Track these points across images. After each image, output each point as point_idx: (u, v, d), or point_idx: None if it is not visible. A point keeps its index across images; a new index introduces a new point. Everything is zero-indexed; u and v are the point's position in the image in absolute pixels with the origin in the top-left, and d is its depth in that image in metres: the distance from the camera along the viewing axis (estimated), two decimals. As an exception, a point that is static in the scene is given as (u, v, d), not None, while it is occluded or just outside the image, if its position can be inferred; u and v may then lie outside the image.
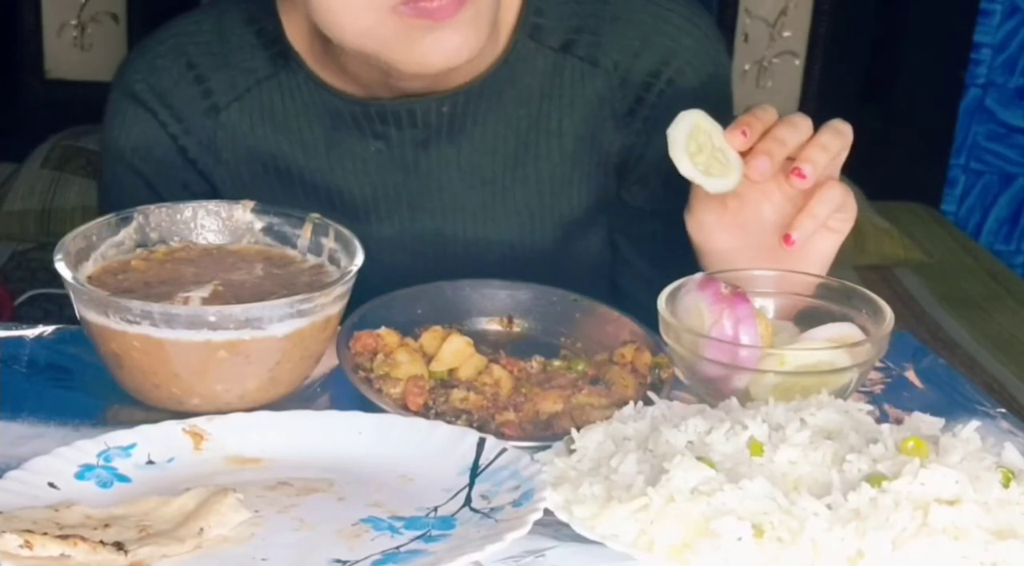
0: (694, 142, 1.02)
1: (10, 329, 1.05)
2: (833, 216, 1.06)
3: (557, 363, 1.00)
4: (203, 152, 1.22)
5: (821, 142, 1.03)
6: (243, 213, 1.06)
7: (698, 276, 1.00)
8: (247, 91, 1.20)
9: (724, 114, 1.25)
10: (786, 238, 1.03)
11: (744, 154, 1.02)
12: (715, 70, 1.23)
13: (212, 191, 1.23)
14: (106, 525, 0.77)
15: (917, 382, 1.05)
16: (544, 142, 1.20)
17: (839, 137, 1.05)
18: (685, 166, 1.01)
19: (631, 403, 0.91)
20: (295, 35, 1.19)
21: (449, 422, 0.90)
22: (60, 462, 0.84)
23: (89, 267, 1.00)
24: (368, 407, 0.92)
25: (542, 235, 1.23)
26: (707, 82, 1.22)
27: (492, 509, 0.79)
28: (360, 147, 1.20)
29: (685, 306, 0.99)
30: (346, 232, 1.02)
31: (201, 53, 1.21)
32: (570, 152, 1.21)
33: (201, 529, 0.76)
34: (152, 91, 1.21)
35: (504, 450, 0.85)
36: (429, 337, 0.99)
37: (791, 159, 1.03)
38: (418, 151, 1.20)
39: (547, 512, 0.78)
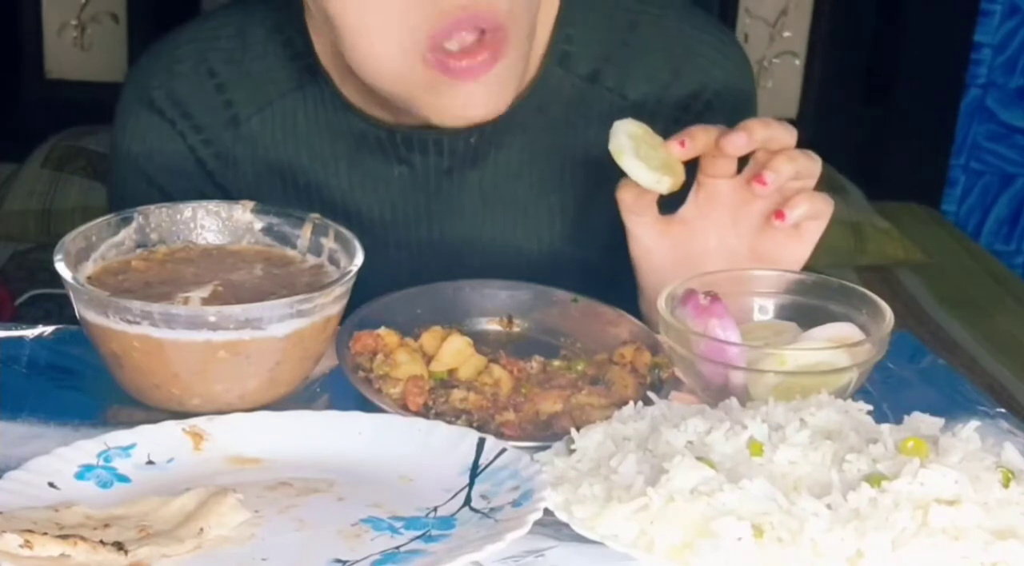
0: (643, 142, 1.03)
1: (10, 329, 1.05)
2: (806, 221, 1.06)
3: (557, 363, 1.00)
4: (222, 164, 1.19)
5: (789, 154, 1.03)
6: (243, 213, 1.06)
7: (680, 290, 1.00)
8: (270, 104, 1.18)
9: None
10: (778, 214, 1.03)
11: (686, 164, 1.03)
12: (743, 102, 1.22)
13: None
14: (106, 525, 0.77)
15: (917, 382, 1.05)
16: (568, 169, 1.19)
17: (810, 157, 1.04)
18: (640, 171, 1.02)
19: (631, 403, 0.91)
20: (323, 51, 1.17)
21: (449, 422, 0.90)
22: (60, 462, 0.84)
23: (89, 267, 1.00)
24: (368, 407, 0.92)
25: (563, 258, 1.22)
26: (734, 115, 1.21)
27: (492, 509, 0.79)
28: (383, 170, 1.18)
29: (678, 317, 0.99)
30: (346, 232, 1.02)
31: (222, 60, 1.18)
32: (594, 179, 1.19)
33: (201, 529, 0.76)
34: (171, 99, 1.18)
35: (504, 450, 0.85)
36: (429, 337, 0.99)
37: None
38: (441, 177, 1.19)
39: (547, 512, 0.78)
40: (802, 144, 1.05)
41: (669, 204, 1.09)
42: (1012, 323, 2.71)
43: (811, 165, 1.04)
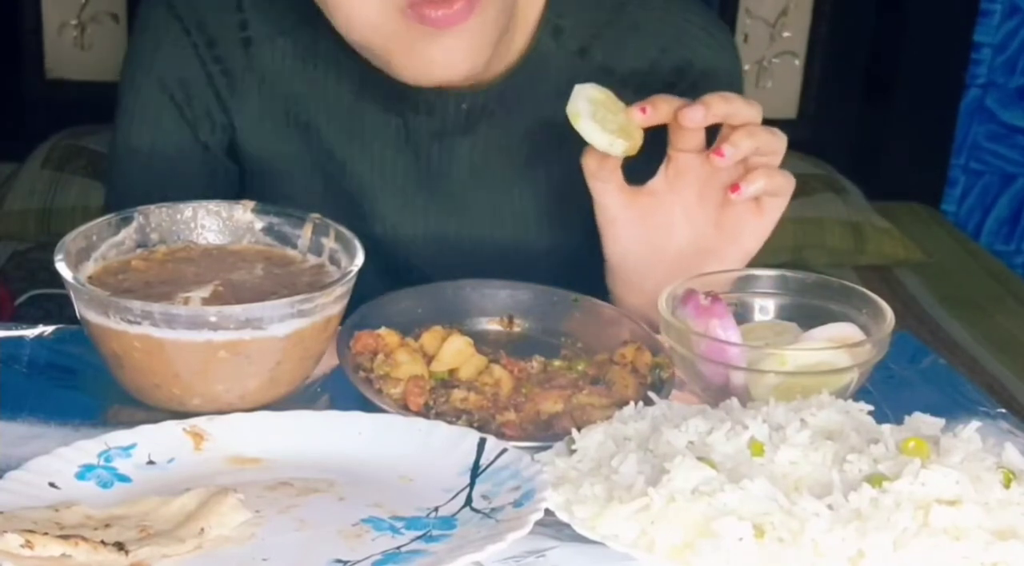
0: (603, 106, 1.04)
1: (10, 329, 1.05)
2: (766, 197, 1.07)
3: (557, 363, 1.00)
4: (229, 83, 1.19)
5: (750, 129, 1.04)
6: (243, 213, 1.06)
7: (680, 290, 1.00)
8: (283, 33, 1.18)
9: None
10: (733, 187, 1.04)
11: (647, 132, 1.04)
12: (729, 83, 1.23)
13: (229, 126, 1.21)
14: (107, 525, 0.77)
15: (917, 382, 1.05)
16: (555, 145, 1.19)
17: (771, 133, 1.05)
18: (594, 133, 1.03)
19: (631, 403, 0.91)
20: None
21: (450, 422, 0.90)
22: (60, 462, 0.84)
23: (89, 267, 1.00)
24: (368, 407, 0.92)
25: (549, 236, 1.23)
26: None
27: (493, 509, 0.79)
28: (380, 121, 1.19)
29: (679, 316, 0.99)
30: (346, 232, 1.02)
31: None
32: (580, 156, 1.20)
33: (202, 529, 0.76)
34: (189, 7, 1.18)
35: (505, 450, 0.85)
36: (429, 337, 0.99)
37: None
38: (432, 140, 1.19)
39: (548, 512, 0.78)
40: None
41: (642, 177, 1.10)
42: (1012, 323, 2.71)
43: (773, 141, 1.05)
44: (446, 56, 1.05)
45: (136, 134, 1.19)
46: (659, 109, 1.04)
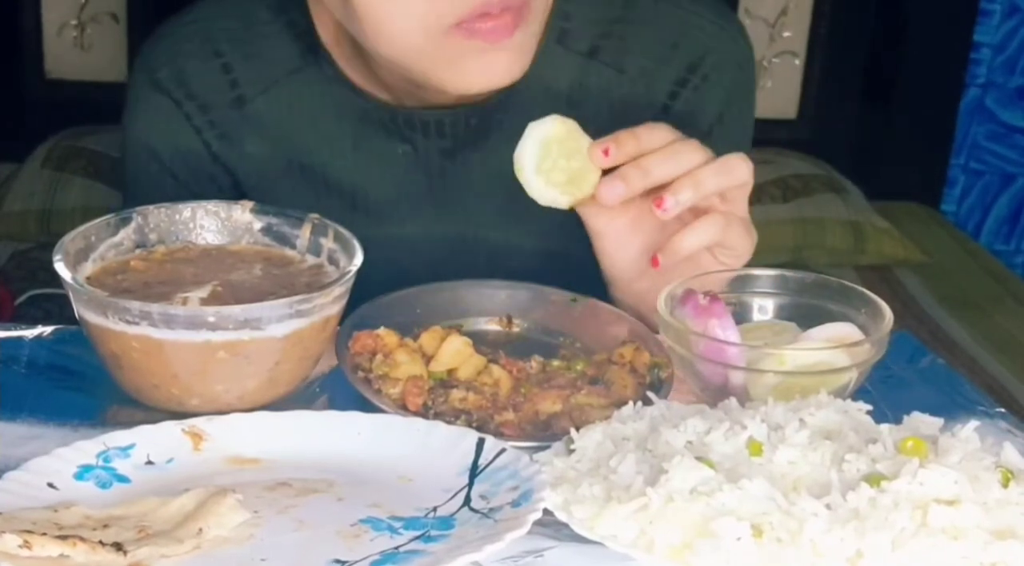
0: (557, 148, 1.02)
1: (10, 329, 1.05)
2: (720, 250, 1.06)
3: (556, 363, 1.00)
4: (227, 146, 1.20)
5: (696, 176, 1.01)
6: (242, 213, 1.06)
7: (680, 290, 1.00)
8: (275, 83, 1.18)
9: (747, 120, 1.24)
10: (653, 259, 1.03)
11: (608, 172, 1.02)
12: (741, 76, 1.22)
13: (235, 185, 1.21)
14: (105, 526, 0.77)
15: (916, 382, 1.05)
16: None
17: (723, 175, 1.02)
18: (536, 189, 1.03)
19: (630, 403, 0.91)
20: (324, 31, 1.17)
21: (448, 422, 0.90)
22: (59, 463, 0.84)
23: (88, 267, 1.00)
24: (367, 407, 0.92)
25: (565, 243, 1.22)
26: (732, 89, 1.21)
27: (491, 509, 0.79)
28: (387, 149, 1.19)
29: (678, 316, 0.99)
30: (345, 232, 1.02)
31: (227, 40, 1.19)
32: None
33: (200, 530, 0.76)
34: (176, 79, 1.19)
35: (503, 450, 0.85)
36: (428, 337, 0.99)
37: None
38: (444, 158, 1.19)
39: (546, 512, 0.78)
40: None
41: None
42: (1012, 323, 2.71)
43: (725, 180, 1.02)
44: (490, 68, 1.05)
45: (143, 199, 1.18)
46: (624, 147, 1.01)
